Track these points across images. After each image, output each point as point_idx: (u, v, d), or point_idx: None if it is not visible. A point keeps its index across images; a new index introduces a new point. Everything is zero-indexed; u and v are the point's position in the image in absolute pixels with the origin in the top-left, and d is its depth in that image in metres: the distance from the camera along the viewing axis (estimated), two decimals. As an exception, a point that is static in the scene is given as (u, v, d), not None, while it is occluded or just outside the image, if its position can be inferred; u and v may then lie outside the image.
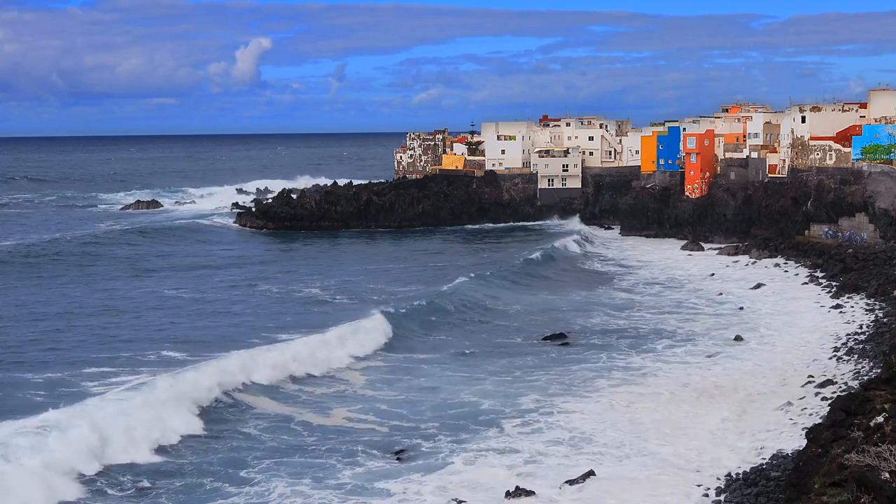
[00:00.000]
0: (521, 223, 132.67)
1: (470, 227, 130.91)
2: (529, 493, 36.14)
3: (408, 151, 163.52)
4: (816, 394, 47.91)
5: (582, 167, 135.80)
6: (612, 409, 47.32)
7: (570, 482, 37.19)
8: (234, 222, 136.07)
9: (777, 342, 61.19)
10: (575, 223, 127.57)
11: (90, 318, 68.64)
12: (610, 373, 54.52)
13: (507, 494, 36.10)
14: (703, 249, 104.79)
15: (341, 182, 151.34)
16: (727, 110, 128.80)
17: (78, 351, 57.82)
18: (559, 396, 49.63)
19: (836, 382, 49.34)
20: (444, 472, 39.17)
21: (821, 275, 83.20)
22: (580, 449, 41.55)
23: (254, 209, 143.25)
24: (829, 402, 42.72)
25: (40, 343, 60.00)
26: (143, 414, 43.18)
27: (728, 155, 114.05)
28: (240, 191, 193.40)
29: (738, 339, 61.76)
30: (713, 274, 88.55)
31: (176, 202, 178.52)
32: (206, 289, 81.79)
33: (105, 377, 50.73)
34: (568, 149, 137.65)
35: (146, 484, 38.18)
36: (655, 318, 69.82)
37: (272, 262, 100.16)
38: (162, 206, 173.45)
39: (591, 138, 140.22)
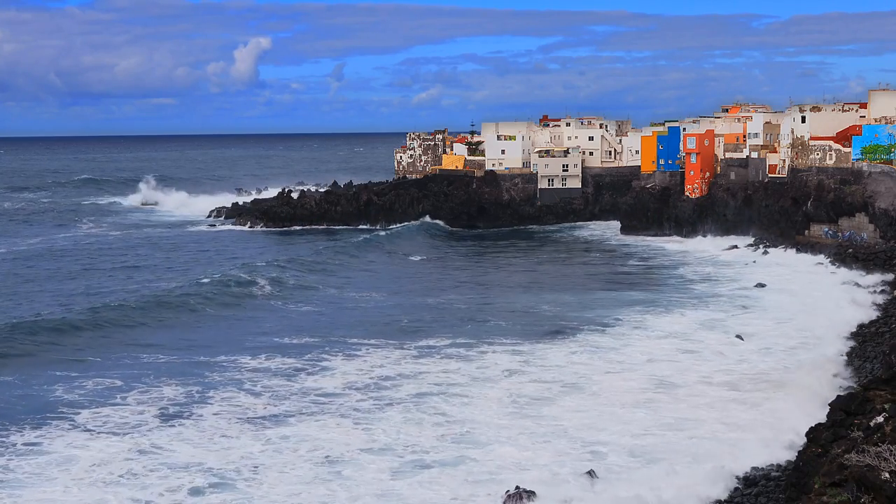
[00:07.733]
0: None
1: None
2: (530, 493, 36.16)
3: (408, 151, 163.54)
4: (816, 394, 47.87)
5: (582, 167, 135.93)
6: (610, 404, 47.39)
7: (572, 481, 37.25)
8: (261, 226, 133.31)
9: (777, 342, 61.17)
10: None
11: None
12: (610, 364, 54.76)
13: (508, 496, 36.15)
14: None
15: (341, 182, 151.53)
16: (727, 110, 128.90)
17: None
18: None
19: (837, 383, 49.38)
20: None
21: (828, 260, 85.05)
22: (578, 445, 41.60)
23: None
24: (829, 402, 42.67)
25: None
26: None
27: (728, 155, 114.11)
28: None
29: (738, 337, 61.72)
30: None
31: (177, 203, 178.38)
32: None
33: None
34: (568, 149, 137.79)
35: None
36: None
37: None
38: (164, 206, 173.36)
39: (591, 138, 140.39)
